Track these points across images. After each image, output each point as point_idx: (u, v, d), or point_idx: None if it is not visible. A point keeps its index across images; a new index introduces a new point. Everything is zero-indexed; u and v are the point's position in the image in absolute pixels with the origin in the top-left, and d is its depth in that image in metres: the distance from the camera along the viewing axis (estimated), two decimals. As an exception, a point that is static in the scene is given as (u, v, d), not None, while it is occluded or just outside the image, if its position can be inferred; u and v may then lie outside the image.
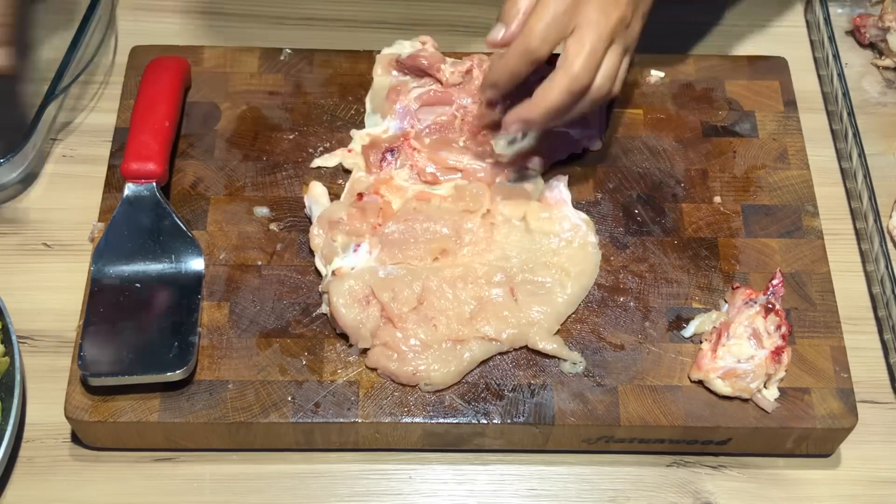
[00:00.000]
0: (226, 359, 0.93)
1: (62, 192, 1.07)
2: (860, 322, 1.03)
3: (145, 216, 0.97)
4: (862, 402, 0.96)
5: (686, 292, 0.98)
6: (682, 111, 1.09)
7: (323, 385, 0.92)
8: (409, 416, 0.91)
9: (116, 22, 1.18)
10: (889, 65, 1.19)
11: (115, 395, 0.91)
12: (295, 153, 1.05)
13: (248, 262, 0.99)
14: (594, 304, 0.98)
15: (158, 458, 0.94)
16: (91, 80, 1.14)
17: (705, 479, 0.94)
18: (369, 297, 0.94)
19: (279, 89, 1.09)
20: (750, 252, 1.01)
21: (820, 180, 1.07)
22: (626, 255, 1.00)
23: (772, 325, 0.94)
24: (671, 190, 1.04)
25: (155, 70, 1.05)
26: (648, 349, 0.95)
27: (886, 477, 0.95)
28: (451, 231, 0.98)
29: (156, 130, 1.00)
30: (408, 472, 0.94)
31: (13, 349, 0.93)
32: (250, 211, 1.01)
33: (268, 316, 0.96)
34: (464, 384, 0.93)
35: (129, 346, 0.91)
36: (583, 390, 0.93)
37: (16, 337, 0.94)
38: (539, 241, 0.99)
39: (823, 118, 1.15)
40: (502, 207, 1.00)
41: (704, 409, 0.92)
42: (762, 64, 1.13)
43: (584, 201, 1.03)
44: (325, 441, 0.93)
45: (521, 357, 0.94)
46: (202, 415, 0.90)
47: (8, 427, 0.90)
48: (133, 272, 0.95)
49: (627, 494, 0.93)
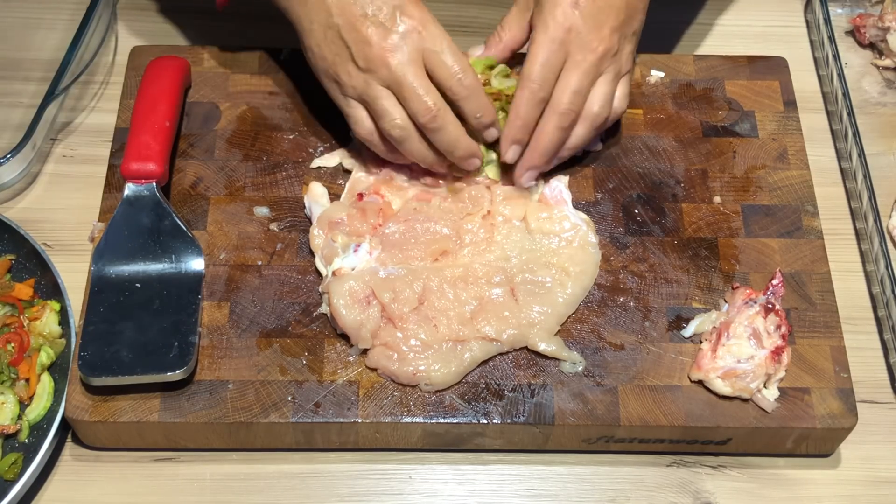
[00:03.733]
0: (226, 359, 0.93)
1: (62, 192, 1.07)
2: (860, 322, 1.03)
3: (145, 216, 0.97)
4: (862, 402, 0.96)
5: (686, 292, 0.98)
6: (682, 111, 1.09)
7: (323, 385, 0.92)
8: (409, 416, 0.91)
9: (116, 22, 1.19)
10: (889, 65, 1.19)
11: (115, 395, 0.91)
12: (295, 153, 1.05)
13: (248, 262, 0.99)
14: (594, 304, 0.98)
15: (158, 458, 0.94)
16: (91, 80, 1.14)
17: (705, 479, 0.94)
18: (370, 297, 0.94)
19: (279, 89, 1.09)
20: (750, 252, 1.01)
21: (820, 180, 1.07)
22: (626, 255, 1.00)
23: (772, 325, 0.94)
24: (671, 190, 1.04)
25: (155, 70, 1.05)
26: (648, 349, 0.95)
27: (886, 477, 0.95)
28: (451, 231, 0.98)
29: (156, 130, 1.00)
30: (408, 472, 0.94)
31: (70, 331, 0.95)
32: (250, 211, 1.02)
33: (268, 316, 0.96)
34: (464, 384, 0.93)
35: (129, 346, 0.91)
36: (583, 390, 0.93)
37: (73, 320, 0.95)
38: (539, 241, 0.99)
39: (823, 118, 1.16)
40: (502, 208, 1.00)
41: (704, 409, 0.92)
42: (762, 64, 1.13)
43: (584, 201, 1.03)
44: (325, 441, 0.93)
45: (522, 357, 0.94)
46: (202, 415, 0.91)
47: (60, 408, 0.91)
48: (133, 272, 0.95)
49: (627, 494, 0.93)
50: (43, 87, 1.07)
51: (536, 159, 0.98)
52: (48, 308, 0.96)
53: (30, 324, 0.95)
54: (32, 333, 0.95)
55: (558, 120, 0.97)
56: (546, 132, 0.97)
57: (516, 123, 0.97)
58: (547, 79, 0.96)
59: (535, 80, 0.95)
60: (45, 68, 1.11)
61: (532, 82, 0.96)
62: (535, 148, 0.98)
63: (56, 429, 0.90)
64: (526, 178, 1.00)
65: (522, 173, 1.00)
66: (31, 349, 0.94)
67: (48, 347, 0.94)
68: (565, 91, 0.96)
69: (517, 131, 0.97)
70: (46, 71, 1.09)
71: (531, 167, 0.99)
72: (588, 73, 0.96)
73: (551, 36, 0.95)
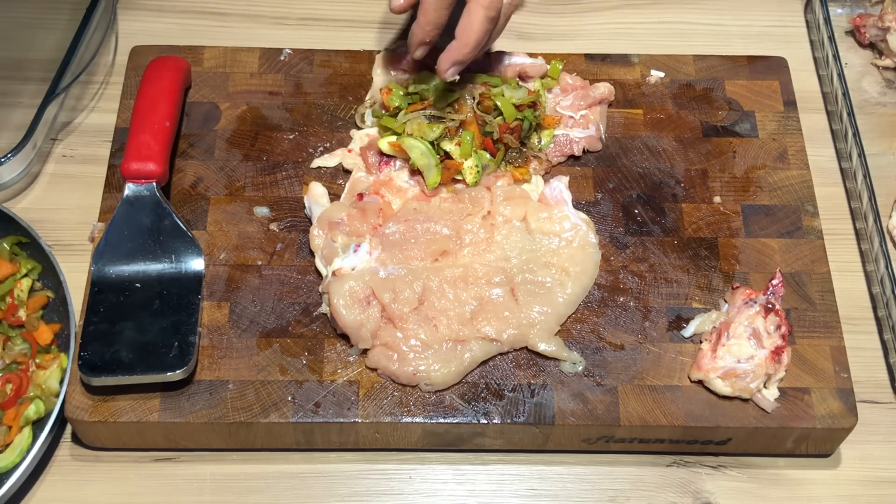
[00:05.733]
0: (226, 359, 0.93)
1: (62, 192, 1.07)
2: (860, 322, 1.03)
3: (145, 216, 0.97)
4: (862, 402, 0.96)
5: (686, 292, 0.98)
6: (682, 111, 1.09)
7: (323, 385, 0.92)
8: (409, 415, 0.91)
9: (116, 22, 1.18)
10: (889, 65, 1.19)
11: (115, 395, 0.91)
12: (295, 153, 1.05)
13: (248, 262, 0.99)
14: (594, 304, 0.98)
15: (158, 458, 0.94)
16: (91, 80, 1.14)
17: (705, 479, 0.94)
18: (370, 297, 0.94)
19: (279, 89, 1.09)
20: (750, 252, 1.01)
21: (820, 180, 1.07)
22: (626, 255, 1.00)
23: (772, 325, 0.94)
24: (671, 190, 1.04)
25: (155, 70, 1.05)
26: (648, 349, 0.95)
27: (886, 477, 0.95)
28: (451, 231, 0.98)
29: (156, 130, 1.00)
30: (408, 472, 0.94)
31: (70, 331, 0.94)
32: (250, 211, 1.02)
33: (268, 316, 0.96)
34: (464, 384, 0.93)
35: (129, 346, 0.91)
36: (583, 390, 0.93)
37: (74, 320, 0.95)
38: (539, 242, 0.99)
39: (823, 118, 1.16)
40: (503, 208, 1.00)
41: (704, 409, 0.92)
42: (762, 64, 1.13)
43: (584, 201, 1.03)
44: (325, 441, 0.93)
45: (522, 357, 0.94)
46: (202, 415, 0.91)
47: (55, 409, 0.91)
48: (133, 272, 0.95)
49: (627, 494, 0.93)
50: (43, 87, 1.07)
51: (464, 51, 0.98)
52: (58, 362, 0.94)
53: (35, 370, 0.93)
54: (33, 382, 0.93)
55: (484, 9, 0.96)
56: (473, 22, 0.97)
57: (423, 25, 0.98)
58: None
59: None
60: (45, 68, 1.11)
61: None
62: (463, 39, 0.98)
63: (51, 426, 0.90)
64: (451, 73, 0.99)
65: (447, 66, 0.99)
66: (24, 397, 0.92)
67: (40, 402, 0.92)
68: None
69: (424, 33, 0.98)
70: (46, 71, 1.09)
71: (457, 60, 0.99)
72: None
73: None
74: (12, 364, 0.94)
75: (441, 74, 0.99)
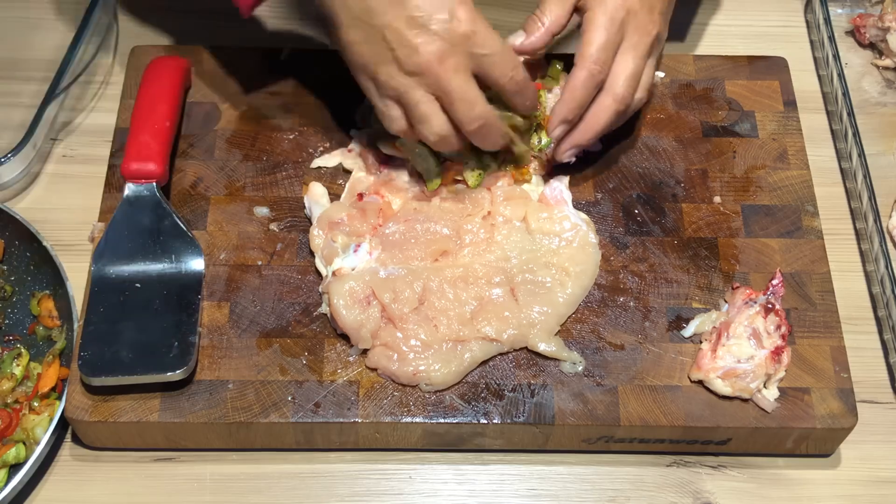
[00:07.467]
0: (226, 359, 0.93)
1: (62, 192, 1.07)
2: (860, 322, 1.03)
3: (145, 216, 0.97)
4: (862, 402, 0.96)
5: (686, 292, 0.98)
6: (682, 111, 1.09)
7: (323, 385, 0.92)
8: (409, 416, 0.91)
9: (116, 22, 1.18)
10: (889, 65, 1.19)
11: (115, 395, 0.91)
12: (295, 153, 1.05)
13: (248, 262, 0.99)
14: (594, 304, 0.98)
15: (158, 458, 0.94)
16: (91, 80, 1.14)
17: (705, 479, 0.94)
18: (370, 297, 0.94)
19: (279, 89, 1.09)
20: (750, 252, 1.01)
21: (820, 180, 1.07)
22: (626, 255, 1.00)
23: (772, 325, 0.94)
24: (671, 190, 1.04)
25: (155, 70, 1.05)
26: (648, 349, 0.95)
27: (886, 477, 0.95)
28: (451, 231, 0.98)
29: (156, 130, 1.00)
30: (408, 472, 0.94)
31: (70, 331, 0.94)
32: (250, 211, 1.02)
33: (268, 316, 0.96)
34: (464, 384, 0.93)
35: (129, 346, 0.91)
36: (583, 390, 0.93)
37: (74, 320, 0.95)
38: (539, 242, 0.99)
39: (823, 118, 1.16)
40: (503, 208, 1.00)
41: (704, 409, 0.92)
42: (762, 64, 1.13)
43: (584, 201, 1.03)
44: (325, 441, 0.93)
45: (522, 357, 0.94)
46: (202, 415, 0.91)
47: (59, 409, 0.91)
48: (133, 272, 0.95)
49: (627, 494, 0.93)
50: (43, 87, 1.07)
51: (585, 138, 0.98)
52: (50, 410, 0.92)
53: (27, 414, 0.92)
54: (21, 425, 0.91)
55: (615, 104, 0.96)
56: (601, 114, 0.97)
57: (570, 104, 0.96)
58: (606, 60, 0.95)
59: (596, 62, 0.94)
60: (45, 68, 1.11)
61: (592, 64, 0.94)
62: (587, 128, 0.98)
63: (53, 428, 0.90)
64: (568, 155, 1.00)
65: (567, 150, 0.99)
66: (9, 439, 0.91)
67: (22, 447, 0.90)
68: (623, 74, 0.96)
69: (570, 111, 0.97)
70: (46, 71, 1.09)
71: (577, 145, 0.99)
72: (643, 56, 0.96)
73: (611, 16, 0.94)
74: (14, 402, 0.93)
75: (559, 156, 1.00)
